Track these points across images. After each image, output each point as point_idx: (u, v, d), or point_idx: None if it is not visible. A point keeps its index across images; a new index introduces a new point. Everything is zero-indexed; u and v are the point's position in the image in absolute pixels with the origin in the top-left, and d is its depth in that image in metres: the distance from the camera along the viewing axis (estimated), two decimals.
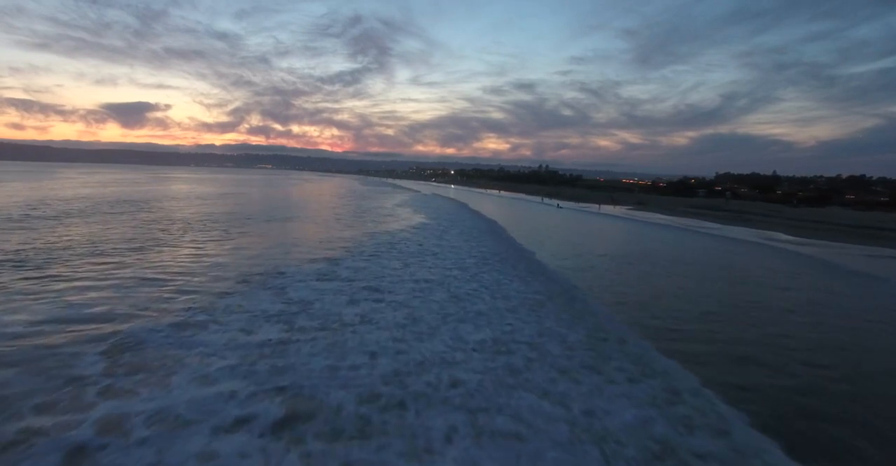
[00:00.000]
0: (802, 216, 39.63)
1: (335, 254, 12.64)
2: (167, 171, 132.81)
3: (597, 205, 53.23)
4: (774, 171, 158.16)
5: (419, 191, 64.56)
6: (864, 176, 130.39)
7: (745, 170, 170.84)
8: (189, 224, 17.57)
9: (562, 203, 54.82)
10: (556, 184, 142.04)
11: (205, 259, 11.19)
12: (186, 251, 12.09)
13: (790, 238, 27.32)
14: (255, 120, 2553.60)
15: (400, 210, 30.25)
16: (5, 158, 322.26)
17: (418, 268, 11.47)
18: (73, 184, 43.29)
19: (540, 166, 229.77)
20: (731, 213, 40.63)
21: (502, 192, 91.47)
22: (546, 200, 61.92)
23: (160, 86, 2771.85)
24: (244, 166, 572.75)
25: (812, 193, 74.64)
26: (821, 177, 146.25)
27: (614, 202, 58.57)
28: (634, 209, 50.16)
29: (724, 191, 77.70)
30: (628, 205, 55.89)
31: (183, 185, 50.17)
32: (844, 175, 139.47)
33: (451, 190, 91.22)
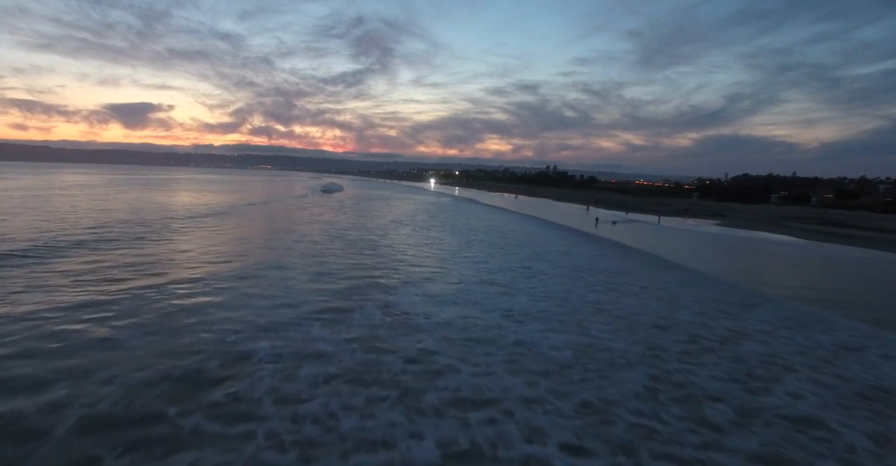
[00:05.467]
0: None
1: None
2: (154, 172, 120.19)
3: (654, 216, 39.59)
4: (794, 173, 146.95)
5: (436, 201, 50.69)
6: None
7: (746, 171, 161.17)
8: None
9: (601, 211, 40.99)
10: (572, 186, 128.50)
11: None
12: None
13: None
14: (257, 120, 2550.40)
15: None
16: (4, 158, 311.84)
17: None
18: None
19: (547, 167, 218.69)
20: None
21: (519, 197, 78.07)
22: (592, 209, 47.38)
23: (163, 87, 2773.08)
24: (243, 166, 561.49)
25: None
26: (845, 178, 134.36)
27: (687, 214, 44.65)
28: (722, 224, 36.63)
29: (810, 197, 63.36)
30: (703, 218, 42.26)
31: (104, 190, 37.10)
32: (870, 176, 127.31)
33: (456, 192, 78.09)
